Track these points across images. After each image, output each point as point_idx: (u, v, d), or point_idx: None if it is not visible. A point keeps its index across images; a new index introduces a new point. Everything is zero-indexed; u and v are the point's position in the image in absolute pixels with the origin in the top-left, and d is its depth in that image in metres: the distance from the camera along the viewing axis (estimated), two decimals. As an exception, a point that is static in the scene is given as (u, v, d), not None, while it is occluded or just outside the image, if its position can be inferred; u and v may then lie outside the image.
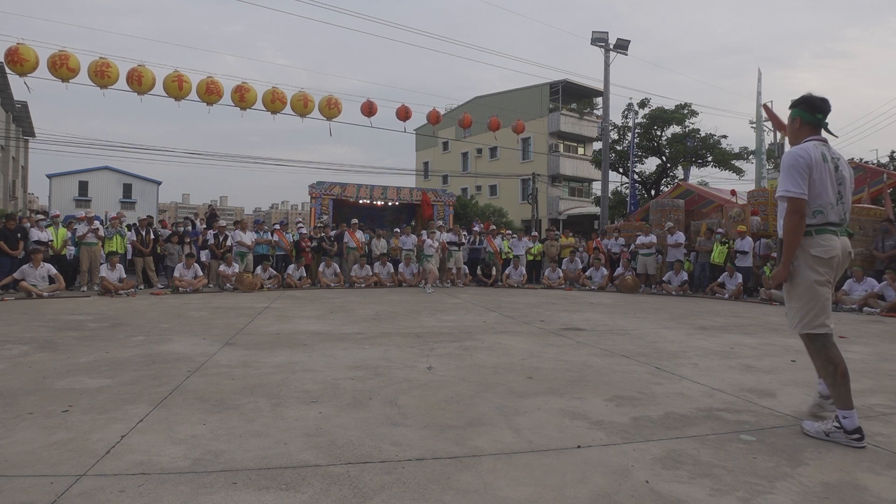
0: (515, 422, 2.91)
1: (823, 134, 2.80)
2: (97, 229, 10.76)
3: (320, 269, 12.51)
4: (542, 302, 9.54)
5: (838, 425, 2.63)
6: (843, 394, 2.62)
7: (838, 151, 2.77)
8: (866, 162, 18.12)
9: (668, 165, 24.62)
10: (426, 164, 44.21)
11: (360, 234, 13.71)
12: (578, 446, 2.56)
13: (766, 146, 21.28)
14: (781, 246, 2.75)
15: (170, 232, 12.31)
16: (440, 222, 15.77)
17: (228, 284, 11.03)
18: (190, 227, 12.99)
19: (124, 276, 10.22)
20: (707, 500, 2.02)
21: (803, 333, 2.72)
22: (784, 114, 2.88)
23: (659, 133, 24.19)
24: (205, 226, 13.87)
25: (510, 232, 15.99)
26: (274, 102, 13.50)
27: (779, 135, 24.54)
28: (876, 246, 9.96)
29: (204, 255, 11.98)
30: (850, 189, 2.77)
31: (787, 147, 2.90)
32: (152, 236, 11.57)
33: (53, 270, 9.51)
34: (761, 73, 18.41)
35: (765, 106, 3.95)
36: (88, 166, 35.47)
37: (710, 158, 23.73)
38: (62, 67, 11.08)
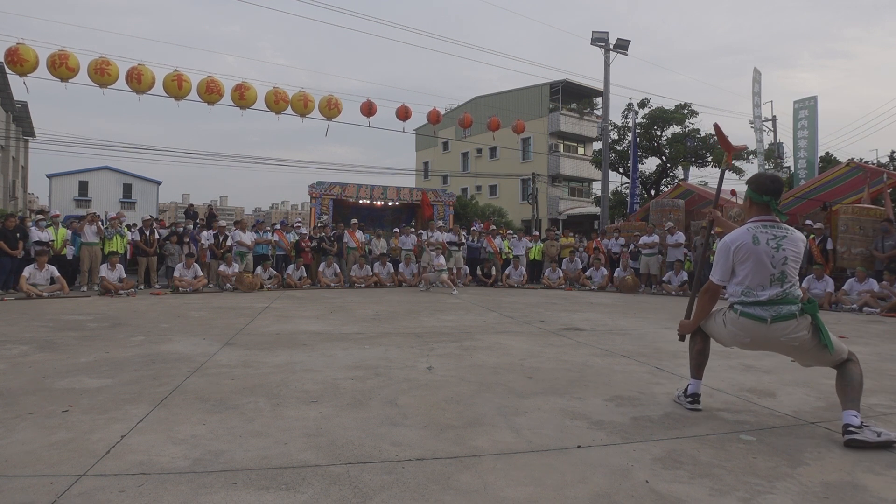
0: (515, 422, 2.91)
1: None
2: (99, 219, 10.84)
3: (320, 269, 12.51)
4: (542, 302, 9.53)
5: (685, 392, 3.22)
6: (693, 366, 3.21)
7: (787, 229, 2.84)
8: (866, 162, 18.12)
9: (668, 165, 24.62)
10: (426, 164, 44.20)
11: (360, 234, 13.72)
12: (578, 446, 2.56)
13: (766, 146, 21.27)
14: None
15: (168, 232, 12.31)
16: (440, 222, 15.77)
17: (228, 284, 11.03)
18: (191, 226, 13.01)
19: (124, 276, 10.22)
20: (707, 500, 2.02)
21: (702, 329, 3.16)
22: (785, 114, 2.91)
23: (659, 133, 24.18)
24: (205, 226, 13.89)
25: (510, 231, 15.99)
26: (278, 103, 13.50)
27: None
28: (876, 246, 9.96)
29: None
30: (797, 263, 2.83)
31: (785, 149, 2.99)
32: (156, 236, 11.58)
33: (57, 273, 9.51)
34: (760, 74, 18.39)
35: (715, 125, 3.95)
36: (88, 166, 35.44)
37: (710, 158, 23.73)
38: (62, 67, 11.07)
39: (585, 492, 2.08)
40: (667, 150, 24.13)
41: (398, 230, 14.44)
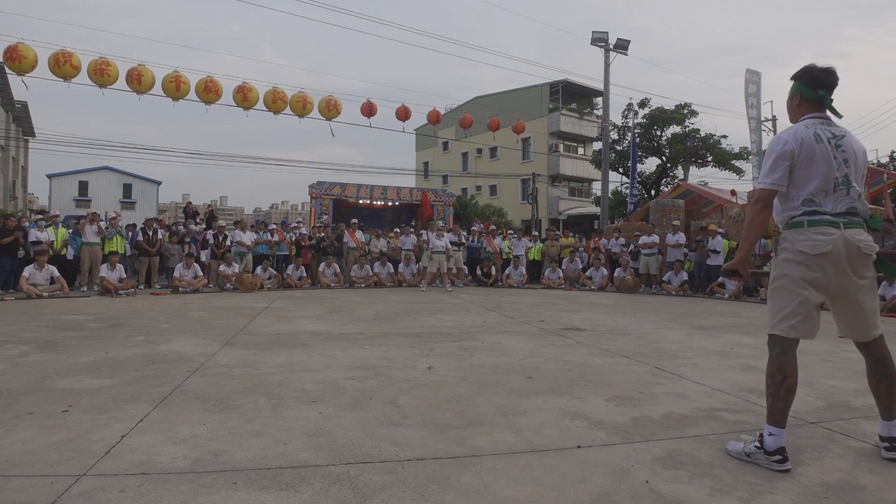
0: (515, 422, 2.90)
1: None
2: (100, 219, 10.86)
3: (320, 269, 12.52)
4: (542, 302, 9.53)
5: (759, 445, 2.35)
6: (781, 409, 2.35)
7: (843, 128, 2.44)
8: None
9: (668, 165, 24.62)
10: (426, 164, 44.21)
11: (360, 234, 13.72)
12: (578, 446, 2.56)
13: (763, 147, 21.26)
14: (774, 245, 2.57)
15: (169, 232, 12.33)
16: (440, 222, 15.79)
17: (228, 284, 11.03)
18: (193, 225, 13.01)
19: (124, 276, 10.22)
20: (707, 500, 2.02)
21: (769, 333, 2.44)
22: (784, 115, 2.80)
23: (659, 133, 24.19)
24: (204, 226, 13.90)
25: (511, 231, 16.00)
26: (275, 102, 13.51)
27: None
28: (876, 246, 9.96)
29: (204, 255, 11.98)
30: (861, 171, 2.42)
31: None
32: (159, 236, 11.59)
33: (57, 273, 9.51)
34: (759, 74, 18.38)
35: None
36: (88, 166, 35.45)
37: (710, 158, 23.74)
38: (65, 65, 11.08)
39: (585, 492, 2.08)
40: (667, 150, 24.13)
41: (398, 230, 14.45)
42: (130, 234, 11.63)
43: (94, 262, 10.53)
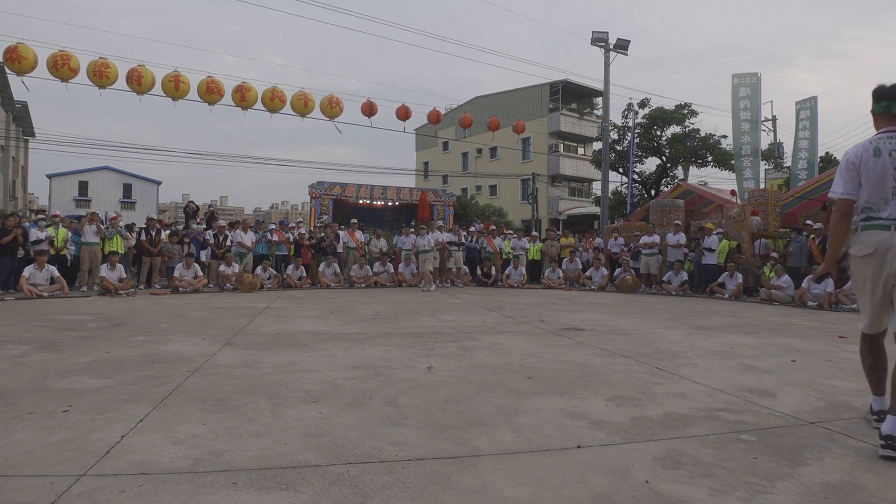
0: (515, 422, 2.91)
1: None
2: (99, 219, 10.87)
3: (320, 269, 12.51)
4: (542, 302, 9.53)
5: (871, 409, 2.88)
6: (873, 381, 2.83)
7: None
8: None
9: (668, 165, 24.62)
10: (426, 164, 44.22)
11: (359, 234, 13.71)
12: (578, 446, 2.56)
13: (766, 146, 21.24)
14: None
15: (169, 231, 12.33)
16: (440, 222, 15.80)
17: (228, 284, 11.02)
18: (194, 225, 13.00)
19: (124, 276, 10.22)
20: (707, 500, 2.02)
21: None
22: (784, 114, 2.89)
23: (659, 133, 24.18)
24: (204, 226, 13.89)
25: (510, 231, 16.00)
26: (273, 101, 13.50)
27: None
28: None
29: (204, 255, 11.98)
30: None
31: (785, 149, 2.97)
32: (162, 236, 11.59)
33: (57, 273, 9.51)
34: (758, 75, 18.38)
35: None
36: (88, 166, 35.46)
37: (710, 158, 23.73)
38: (63, 67, 11.09)
39: (585, 492, 2.08)
40: (667, 150, 24.13)
41: (403, 230, 14.45)
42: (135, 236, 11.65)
43: (94, 262, 10.53)
